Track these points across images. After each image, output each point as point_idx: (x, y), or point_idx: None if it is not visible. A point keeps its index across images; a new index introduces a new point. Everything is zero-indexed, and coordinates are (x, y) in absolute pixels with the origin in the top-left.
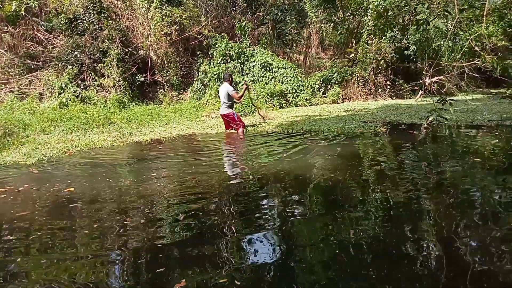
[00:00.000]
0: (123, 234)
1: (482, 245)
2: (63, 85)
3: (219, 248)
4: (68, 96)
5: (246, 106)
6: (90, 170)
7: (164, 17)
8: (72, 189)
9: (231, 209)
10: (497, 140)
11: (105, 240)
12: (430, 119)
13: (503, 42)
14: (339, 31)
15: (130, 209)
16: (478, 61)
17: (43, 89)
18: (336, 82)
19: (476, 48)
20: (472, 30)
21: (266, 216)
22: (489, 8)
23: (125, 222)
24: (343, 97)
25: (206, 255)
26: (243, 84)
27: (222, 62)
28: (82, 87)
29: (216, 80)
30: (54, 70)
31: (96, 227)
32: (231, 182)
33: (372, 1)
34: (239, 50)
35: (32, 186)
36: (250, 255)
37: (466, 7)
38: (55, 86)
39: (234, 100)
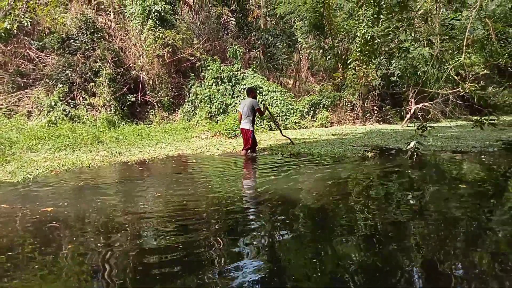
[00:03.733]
0: (100, 256)
1: (466, 269)
2: (53, 103)
3: (204, 270)
4: (57, 114)
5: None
6: (75, 189)
7: (157, 39)
8: (49, 209)
9: (218, 231)
10: (480, 166)
11: (79, 263)
12: (411, 145)
13: (484, 71)
14: (328, 57)
15: (112, 230)
16: (460, 88)
17: (32, 107)
18: (325, 106)
19: (455, 77)
20: (455, 59)
21: (253, 239)
22: (471, 39)
23: (103, 244)
24: (332, 121)
25: (191, 278)
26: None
27: (214, 84)
28: (72, 105)
29: (207, 101)
30: (44, 88)
31: (71, 248)
32: (218, 204)
33: (360, 29)
34: (231, 73)
35: (13, 205)
36: (236, 275)
37: (447, 37)
38: (44, 104)
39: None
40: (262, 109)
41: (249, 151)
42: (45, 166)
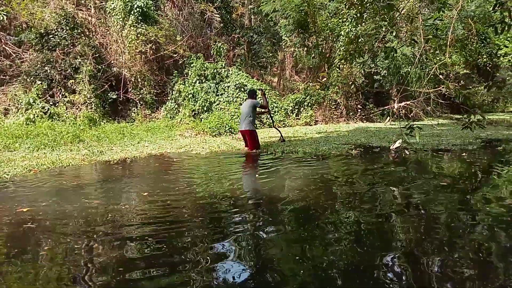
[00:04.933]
0: (80, 258)
1: (447, 263)
2: (31, 101)
3: (190, 271)
4: (35, 112)
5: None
6: (54, 189)
7: (139, 35)
8: (25, 209)
9: (202, 230)
10: (461, 163)
11: (57, 265)
12: (397, 145)
13: (464, 71)
14: (312, 55)
15: (92, 231)
16: (442, 87)
17: (9, 104)
18: (309, 104)
19: (441, 76)
20: (437, 58)
21: (239, 238)
22: (452, 39)
23: (83, 246)
24: (316, 119)
25: (176, 280)
26: (259, 92)
27: (197, 82)
28: (51, 103)
29: (191, 99)
30: (22, 85)
31: (48, 250)
32: (203, 203)
33: (344, 28)
34: (214, 71)
35: None
36: (221, 276)
37: (431, 37)
38: (22, 102)
39: (261, 111)
40: (263, 102)
41: (256, 150)
42: (23, 165)
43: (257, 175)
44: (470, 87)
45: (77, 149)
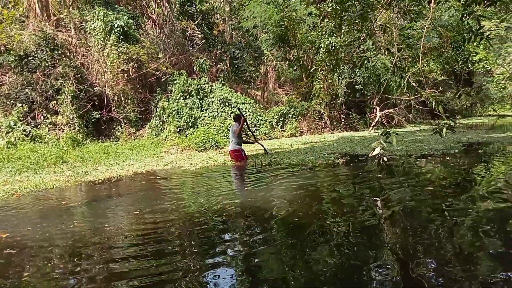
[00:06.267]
0: (63, 284)
1: (435, 265)
2: (12, 124)
3: (178, 283)
4: (16, 135)
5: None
6: (38, 213)
7: (120, 54)
8: (4, 235)
9: (193, 246)
10: (443, 168)
11: None
12: (375, 151)
13: (442, 77)
14: (294, 68)
15: (77, 255)
16: (419, 95)
17: None
18: (294, 116)
19: (414, 84)
20: (415, 66)
21: (229, 252)
22: (427, 47)
23: (67, 271)
24: (301, 130)
25: None
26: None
27: (181, 98)
28: (32, 125)
29: (175, 116)
30: (2, 108)
31: (28, 277)
32: (193, 218)
33: (323, 40)
34: (198, 86)
35: None
36: (210, 285)
37: (404, 46)
38: (2, 125)
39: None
40: (240, 125)
41: (244, 159)
42: (5, 189)
43: (245, 187)
44: (448, 93)
45: (61, 171)
